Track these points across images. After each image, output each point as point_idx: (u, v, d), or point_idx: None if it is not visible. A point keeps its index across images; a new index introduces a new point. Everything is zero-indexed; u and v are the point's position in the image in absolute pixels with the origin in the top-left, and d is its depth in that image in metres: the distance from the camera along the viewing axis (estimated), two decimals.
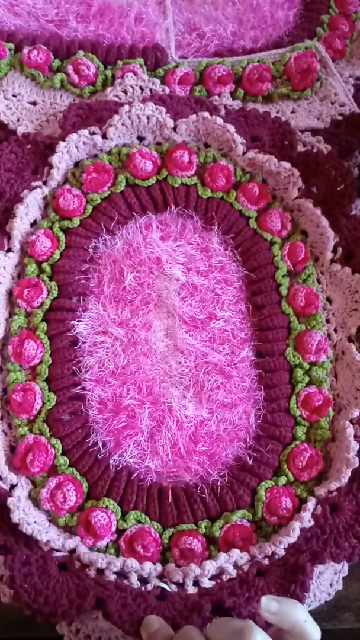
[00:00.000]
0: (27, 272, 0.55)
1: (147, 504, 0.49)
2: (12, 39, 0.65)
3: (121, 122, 0.59)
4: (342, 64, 0.67)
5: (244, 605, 0.44)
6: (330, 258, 0.56)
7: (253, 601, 0.45)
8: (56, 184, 0.59)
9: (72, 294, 0.55)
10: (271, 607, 0.38)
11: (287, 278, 0.56)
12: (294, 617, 0.38)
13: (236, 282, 0.57)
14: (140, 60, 0.64)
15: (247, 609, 0.44)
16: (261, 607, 0.38)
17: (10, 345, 0.53)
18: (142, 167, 0.58)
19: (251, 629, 0.37)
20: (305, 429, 0.52)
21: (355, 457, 0.49)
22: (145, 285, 0.56)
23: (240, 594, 0.45)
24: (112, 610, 0.43)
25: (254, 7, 0.68)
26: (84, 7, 0.67)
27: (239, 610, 0.44)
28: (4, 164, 0.58)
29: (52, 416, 0.51)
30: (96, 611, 0.45)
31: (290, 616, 0.38)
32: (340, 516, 0.48)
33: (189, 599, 0.45)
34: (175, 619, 0.44)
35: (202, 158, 0.59)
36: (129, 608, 0.44)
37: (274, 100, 0.65)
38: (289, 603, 0.39)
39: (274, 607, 0.38)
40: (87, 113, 0.61)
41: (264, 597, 0.38)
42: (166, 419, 0.51)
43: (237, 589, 0.45)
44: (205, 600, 0.44)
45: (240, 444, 0.51)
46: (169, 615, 0.44)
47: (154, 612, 0.44)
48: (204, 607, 0.43)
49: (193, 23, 0.68)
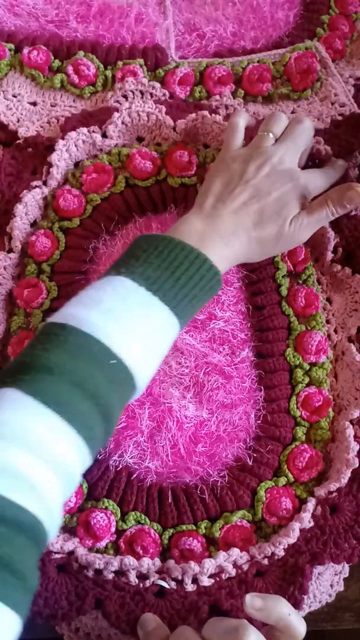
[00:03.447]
0: (27, 273, 0.55)
1: (146, 505, 0.49)
2: (12, 40, 0.65)
3: (121, 120, 0.59)
4: (342, 65, 0.67)
5: (242, 608, 0.44)
6: (330, 259, 0.56)
7: None
8: (56, 184, 0.59)
9: (71, 294, 0.55)
10: (255, 603, 0.39)
11: (287, 279, 0.56)
12: (278, 612, 0.39)
13: (236, 282, 0.57)
14: (141, 60, 0.64)
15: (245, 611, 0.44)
16: (246, 603, 0.39)
17: (10, 346, 0.53)
18: (141, 167, 0.58)
19: (245, 627, 0.37)
20: (305, 430, 0.52)
21: (355, 457, 0.49)
22: None
23: (238, 595, 0.45)
24: (111, 611, 0.43)
25: (254, 8, 0.68)
26: (84, 7, 0.67)
27: (237, 613, 0.44)
28: (5, 169, 0.58)
29: None
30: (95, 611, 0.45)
31: (274, 611, 0.39)
32: (340, 517, 0.48)
33: (187, 597, 0.45)
34: (173, 619, 0.44)
35: (202, 158, 0.59)
36: (127, 607, 0.44)
37: (274, 100, 0.65)
38: (273, 599, 0.39)
39: (258, 604, 0.39)
40: (88, 118, 0.61)
41: (248, 594, 0.39)
42: (166, 420, 0.51)
43: (235, 590, 0.45)
44: (202, 602, 0.44)
45: (240, 445, 0.51)
46: (166, 614, 0.44)
47: (152, 611, 0.44)
48: (200, 609, 0.43)
49: (193, 23, 0.68)
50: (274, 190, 0.50)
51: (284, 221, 0.50)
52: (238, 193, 0.49)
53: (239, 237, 0.49)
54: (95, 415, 0.39)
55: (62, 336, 0.40)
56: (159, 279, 0.43)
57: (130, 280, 0.43)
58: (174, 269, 0.44)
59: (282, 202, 0.50)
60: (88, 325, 0.40)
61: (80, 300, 0.43)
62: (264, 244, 0.50)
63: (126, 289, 0.43)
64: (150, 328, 0.42)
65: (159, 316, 0.43)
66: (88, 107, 0.64)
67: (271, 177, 0.50)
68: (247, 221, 0.49)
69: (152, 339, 0.43)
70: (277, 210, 0.50)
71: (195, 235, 0.47)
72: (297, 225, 0.51)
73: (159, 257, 0.44)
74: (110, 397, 0.39)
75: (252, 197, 0.50)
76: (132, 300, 0.42)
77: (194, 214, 0.49)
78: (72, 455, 0.37)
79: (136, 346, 0.41)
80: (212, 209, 0.49)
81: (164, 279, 0.44)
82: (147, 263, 0.44)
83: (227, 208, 0.49)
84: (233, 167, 0.51)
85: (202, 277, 0.45)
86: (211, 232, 0.47)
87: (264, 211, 0.49)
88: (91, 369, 0.39)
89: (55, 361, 0.38)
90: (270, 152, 0.51)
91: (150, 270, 0.44)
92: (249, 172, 0.50)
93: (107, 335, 0.40)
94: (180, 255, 0.45)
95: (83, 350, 0.39)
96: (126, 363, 0.40)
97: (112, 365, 0.40)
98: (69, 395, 0.38)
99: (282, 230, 0.50)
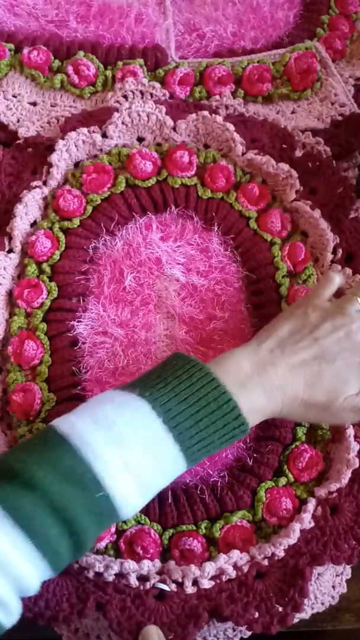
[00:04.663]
0: (27, 273, 0.55)
1: (146, 505, 0.49)
2: (12, 40, 0.65)
3: (121, 120, 0.59)
4: (342, 65, 0.67)
5: (242, 613, 0.44)
6: (330, 259, 0.56)
7: (251, 607, 0.45)
8: (56, 184, 0.59)
9: (72, 294, 0.55)
10: None
11: (287, 279, 0.56)
12: None
13: (236, 282, 0.57)
14: (141, 60, 0.64)
15: (245, 617, 0.44)
16: None
17: (10, 346, 0.53)
18: (142, 167, 0.58)
19: None
20: (306, 430, 0.52)
21: (355, 457, 0.49)
22: (145, 285, 0.56)
23: (238, 599, 0.45)
24: (112, 616, 0.43)
25: (254, 8, 0.68)
26: (84, 7, 0.67)
27: (237, 618, 0.44)
28: (5, 169, 0.58)
29: (52, 417, 0.51)
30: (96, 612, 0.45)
31: None
32: (340, 517, 0.48)
33: (187, 601, 0.45)
34: (173, 624, 0.44)
35: (202, 158, 0.59)
36: (127, 612, 0.44)
37: (274, 100, 0.65)
38: None
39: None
40: (88, 118, 0.61)
41: None
42: None
43: (235, 593, 0.45)
44: (202, 608, 0.44)
45: (240, 445, 0.51)
46: (166, 620, 0.44)
47: (153, 615, 0.44)
48: (201, 617, 0.43)
49: (193, 23, 0.68)
50: (341, 359, 0.45)
51: (337, 396, 0.45)
52: (302, 347, 0.45)
53: (285, 393, 0.44)
54: (67, 542, 0.38)
55: (59, 452, 0.39)
56: (180, 414, 0.41)
57: (149, 408, 0.41)
58: (198, 408, 0.41)
59: (344, 376, 0.45)
60: (89, 450, 0.38)
61: (95, 415, 0.40)
62: (307, 409, 0.46)
63: (143, 417, 0.40)
64: (152, 464, 0.40)
65: (167, 455, 0.41)
66: (88, 107, 0.64)
67: (342, 344, 0.46)
68: (300, 381, 0.45)
69: (151, 475, 0.40)
70: (335, 382, 0.45)
71: (239, 376, 0.43)
72: (349, 405, 0.46)
73: (188, 389, 0.42)
74: (87, 528, 0.38)
75: (315, 357, 0.45)
76: (144, 433, 0.40)
77: (248, 350, 0.45)
78: (33, 577, 0.37)
79: (131, 480, 0.39)
80: (269, 353, 0.45)
81: (185, 415, 0.41)
82: (173, 391, 0.41)
83: (285, 360, 0.45)
84: (309, 316, 0.47)
85: (225, 425, 0.42)
86: (257, 380, 0.44)
87: (321, 377, 0.45)
88: (75, 499, 0.37)
89: (41, 479, 0.37)
90: (352, 317, 0.47)
91: (173, 401, 0.41)
92: (323, 329, 0.46)
93: (104, 462, 0.38)
94: (210, 395, 0.42)
95: (74, 476, 0.38)
96: (114, 497, 0.38)
97: (99, 497, 0.38)
98: (44, 519, 0.37)
99: (331, 404, 0.45)
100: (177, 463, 0.41)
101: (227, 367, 0.44)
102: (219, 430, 0.42)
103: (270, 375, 0.44)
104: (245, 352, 0.45)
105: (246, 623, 0.44)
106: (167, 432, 0.40)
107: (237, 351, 0.45)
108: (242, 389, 0.43)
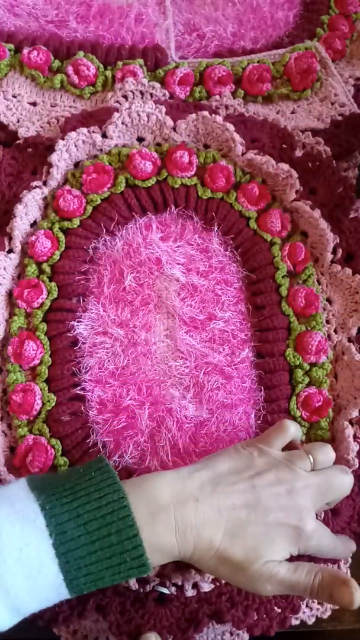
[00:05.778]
0: (27, 273, 0.55)
1: None
2: (12, 40, 0.65)
3: (121, 120, 0.59)
4: (342, 65, 0.67)
5: (242, 617, 0.44)
6: (330, 259, 0.56)
7: (251, 610, 0.45)
8: (56, 184, 0.59)
9: (72, 294, 0.55)
10: None
11: (287, 279, 0.56)
12: None
13: (236, 282, 0.57)
14: (140, 60, 0.64)
15: (246, 620, 0.44)
16: None
17: (10, 346, 0.53)
18: (142, 167, 0.58)
19: None
20: (305, 430, 0.52)
21: (354, 458, 0.49)
22: (145, 285, 0.56)
23: (238, 602, 0.45)
24: (112, 619, 0.43)
25: (254, 8, 0.68)
26: (84, 7, 0.67)
27: (238, 623, 0.44)
28: (5, 169, 0.58)
29: (52, 417, 0.51)
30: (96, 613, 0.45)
31: None
32: (339, 520, 0.48)
33: (187, 605, 0.45)
34: (173, 628, 0.44)
35: (202, 159, 0.59)
36: (127, 614, 0.44)
37: (274, 100, 0.65)
38: None
39: None
40: (88, 118, 0.61)
41: None
42: (166, 420, 0.51)
43: (235, 596, 0.45)
44: (202, 612, 0.44)
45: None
46: (166, 623, 0.44)
47: (152, 618, 0.44)
48: (201, 621, 0.43)
49: (193, 24, 0.68)
50: (274, 517, 0.41)
51: (257, 557, 0.40)
52: (236, 490, 0.41)
53: (200, 537, 0.39)
54: None
55: None
56: (74, 540, 0.37)
57: (44, 525, 0.37)
58: (97, 537, 0.37)
59: (272, 536, 0.40)
60: None
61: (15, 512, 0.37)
62: (220, 564, 0.40)
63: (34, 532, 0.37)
64: (29, 588, 0.36)
65: (48, 581, 0.37)
66: (88, 107, 0.64)
67: (280, 501, 0.41)
68: (220, 528, 0.40)
69: (28, 598, 0.37)
70: (259, 540, 0.40)
71: (152, 506, 0.39)
72: (267, 572, 0.40)
73: (93, 512, 0.38)
74: None
75: (247, 505, 0.41)
76: (30, 552, 0.36)
77: (175, 476, 0.41)
78: None
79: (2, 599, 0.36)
80: (198, 487, 0.41)
81: (79, 543, 0.37)
82: (76, 511, 0.38)
83: (212, 498, 0.40)
84: (254, 460, 0.43)
85: (121, 564, 0.37)
86: (172, 513, 0.39)
87: (245, 529, 0.40)
88: None
89: None
90: (299, 475, 0.43)
91: (72, 523, 0.37)
92: (265, 478, 0.42)
93: None
94: (114, 526, 0.37)
95: None
96: None
97: None
98: None
99: (248, 566, 0.40)
100: (59, 592, 0.37)
101: (143, 491, 0.40)
102: (113, 567, 0.38)
103: (189, 512, 0.39)
104: (170, 477, 0.41)
105: (247, 627, 0.44)
106: (54, 558, 0.37)
107: (162, 475, 0.41)
108: (152, 518, 0.39)
